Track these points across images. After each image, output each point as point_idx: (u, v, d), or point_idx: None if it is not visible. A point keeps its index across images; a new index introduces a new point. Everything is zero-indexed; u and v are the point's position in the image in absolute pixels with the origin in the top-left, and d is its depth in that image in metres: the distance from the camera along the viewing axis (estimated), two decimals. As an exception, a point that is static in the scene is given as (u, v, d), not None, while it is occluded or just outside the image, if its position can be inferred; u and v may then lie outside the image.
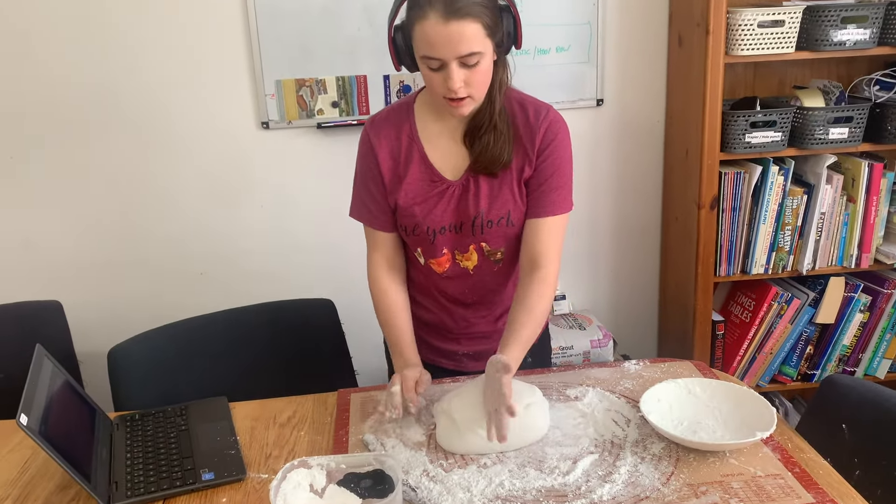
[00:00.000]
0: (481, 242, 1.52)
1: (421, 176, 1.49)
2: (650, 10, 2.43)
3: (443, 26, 1.27)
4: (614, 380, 1.55)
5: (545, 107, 1.48)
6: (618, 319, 2.75)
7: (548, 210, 1.47)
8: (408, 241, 1.56)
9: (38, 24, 2.24)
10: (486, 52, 1.32)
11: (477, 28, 1.29)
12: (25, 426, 1.16)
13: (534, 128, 1.45)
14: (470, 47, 1.29)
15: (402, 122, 1.50)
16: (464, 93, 1.34)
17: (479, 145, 1.45)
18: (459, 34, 1.27)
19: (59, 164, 2.37)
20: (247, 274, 2.51)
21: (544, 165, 1.47)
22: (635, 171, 2.59)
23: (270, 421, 1.50)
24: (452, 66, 1.31)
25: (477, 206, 1.48)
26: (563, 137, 1.47)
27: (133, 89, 2.33)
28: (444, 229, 1.51)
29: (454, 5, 1.26)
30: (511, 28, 1.37)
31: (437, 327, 1.65)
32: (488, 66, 1.35)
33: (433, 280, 1.59)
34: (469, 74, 1.32)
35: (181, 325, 1.87)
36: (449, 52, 1.29)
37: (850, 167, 2.34)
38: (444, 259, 1.55)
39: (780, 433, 1.35)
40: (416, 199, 1.49)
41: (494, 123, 1.43)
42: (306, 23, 2.29)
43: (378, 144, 1.50)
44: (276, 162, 2.43)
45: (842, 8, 2.14)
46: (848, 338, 2.45)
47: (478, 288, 1.59)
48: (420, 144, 1.49)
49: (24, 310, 1.97)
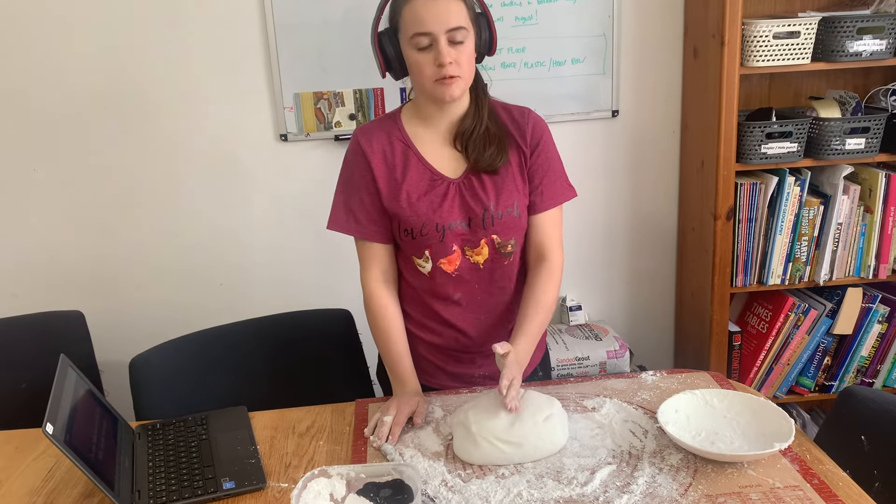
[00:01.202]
0: (492, 235, 1.54)
1: (421, 176, 1.51)
2: (665, 22, 2.44)
3: (431, 3, 1.38)
4: (631, 391, 1.55)
5: (526, 108, 1.58)
6: (634, 330, 2.75)
7: (547, 203, 1.57)
8: (413, 246, 1.54)
9: (62, 39, 2.29)
10: (470, 33, 1.42)
11: (462, 7, 1.40)
12: (51, 435, 1.18)
13: (521, 125, 1.55)
14: (458, 20, 1.39)
15: (391, 130, 1.54)
16: (454, 70, 1.41)
17: (473, 149, 1.50)
18: (447, 8, 1.38)
19: (81, 175, 2.41)
20: (265, 284, 2.54)
21: (538, 162, 1.55)
22: (651, 182, 2.60)
23: (290, 430, 1.51)
24: (442, 41, 1.39)
25: (485, 199, 1.51)
26: (548, 133, 1.58)
27: (154, 102, 2.37)
28: (452, 225, 1.52)
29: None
30: (486, 34, 1.47)
31: (449, 350, 1.63)
32: (472, 51, 1.44)
33: (442, 288, 1.57)
34: (457, 53, 1.40)
35: (201, 335, 1.89)
36: (438, 26, 1.38)
37: (867, 178, 2.33)
38: (454, 256, 1.54)
39: (799, 444, 1.35)
40: (421, 198, 1.50)
41: (486, 126, 1.51)
42: (324, 37, 2.32)
43: (371, 151, 1.52)
44: (295, 173, 2.46)
45: (857, 19, 2.14)
46: (866, 349, 2.44)
47: (486, 285, 1.58)
48: (415, 148, 1.52)
49: (47, 320, 2.00)
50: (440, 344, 1.63)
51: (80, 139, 2.38)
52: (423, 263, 1.56)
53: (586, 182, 2.56)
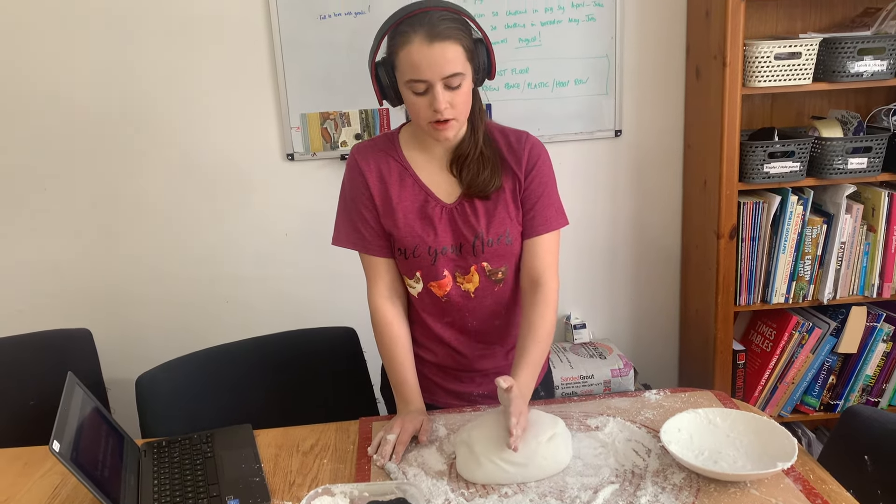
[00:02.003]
0: (483, 262, 1.54)
1: (415, 197, 1.52)
2: (667, 43, 2.46)
3: (427, 48, 1.35)
4: (635, 409, 1.56)
5: (524, 132, 1.56)
6: (638, 348, 2.75)
7: (541, 228, 1.54)
8: (405, 266, 1.56)
9: (72, 57, 2.32)
10: (466, 75, 1.40)
11: (458, 50, 1.37)
12: (58, 453, 1.19)
13: (517, 151, 1.52)
14: (453, 68, 1.37)
15: (388, 150, 1.55)
16: (449, 114, 1.40)
17: (467, 173, 1.50)
18: (443, 55, 1.36)
19: (89, 193, 2.44)
20: (271, 302, 2.56)
21: (533, 186, 1.53)
22: (654, 201, 2.61)
23: (294, 449, 1.52)
24: (438, 88, 1.38)
25: (476, 226, 1.51)
26: (545, 158, 1.55)
27: (163, 122, 2.40)
28: (445, 249, 1.53)
29: (436, 29, 1.36)
30: (485, 59, 1.44)
31: (447, 368, 1.65)
32: (469, 90, 1.43)
33: (432, 310, 1.59)
34: (452, 96, 1.39)
35: (207, 353, 1.90)
36: (434, 73, 1.37)
37: (870, 197, 2.34)
38: (444, 282, 1.56)
39: (802, 464, 1.35)
40: (415, 220, 1.52)
41: (480, 150, 1.50)
42: (331, 58, 2.35)
43: (367, 168, 1.53)
44: (301, 192, 2.48)
45: (858, 40, 2.16)
46: (871, 368, 2.44)
47: (479, 312, 1.59)
48: (411, 169, 1.53)
49: (55, 338, 2.01)
50: (436, 362, 1.65)
51: (89, 158, 2.41)
52: (413, 284, 1.58)
53: (590, 201, 2.58)
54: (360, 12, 2.32)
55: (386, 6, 2.28)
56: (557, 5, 2.36)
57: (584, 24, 2.38)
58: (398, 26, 1.39)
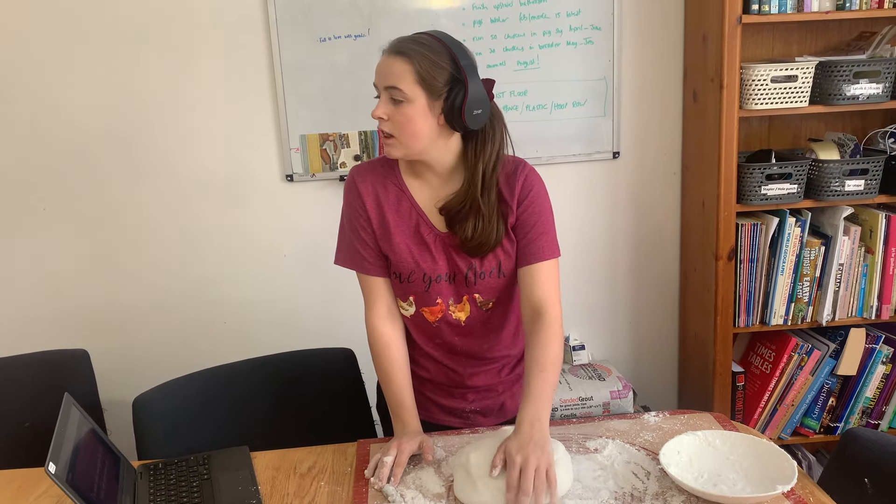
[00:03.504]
0: (475, 294, 1.55)
1: (413, 222, 1.52)
2: (665, 66, 2.48)
3: (384, 58, 1.42)
4: (634, 432, 1.55)
5: (521, 161, 1.53)
6: (637, 370, 2.74)
7: (539, 255, 1.50)
8: (399, 289, 1.56)
9: (71, 77, 2.34)
10: (412, 98, 1.39)
11: (405, 68, 1.39)
12: (53, 474, 1.18)
13: (511, 181, 1.50)
14: (393, 81, 1.39)
15: (387, 173, 1.54)
16: (385, 126, 1.43)
17: (460, 229, 1.47)
18: (390, 67, 1.40)
19: (88, 213, 2.45)
20: (269, 323, 2.55)
21: (526, 214, 1.50)
22: (653, 223, 2.62)
23: (291, 471, 1.51)
24: (382, 97, 1.42)
25: (469, 258, 1.51)
26: (539, 188, 1.52)
27: (162, 142, 2.41)
28: (440, 277, 1.53)
29: (400, 45, 1.41)
30: (458, 101, 1.39)
31: (440, 384, 1.65)
32: (414, 115, 1.40)
33: (423, 331, 1.60)
34: (393, 111, 1.41)
35: (204, 375, 1.89)
36: (379, 81, 1.42)
37: (868, 219, 2.35)
38: (437, 308, 1.56)
39: (802, 487, 1.34)
40: (412, 244, 1.52)
41: (479, 206, 1.46)
42: (330, 80, 2.37)
43: (365, 191, 1.53)
44: (300, 213, 2.49)
45: (854, 63, 2.18)
46: (871, 390, 2.43)
47: (468, 337, 1.60)
48: (409, 193, 1.53)
49: (51, 358, 2.00)
50: (429, 378, 1.65)
51: (88, 178, 2.42)
52: (406, 307, 1.58)
53: (588, 222, 2.59)
54: (359, 35, 2.34)
55: (385, 29, 2.33)
56: (556, 28, 2.38)
57: (582, 47, 2.41)
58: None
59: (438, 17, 2.34)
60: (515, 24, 2.37)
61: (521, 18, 2.37)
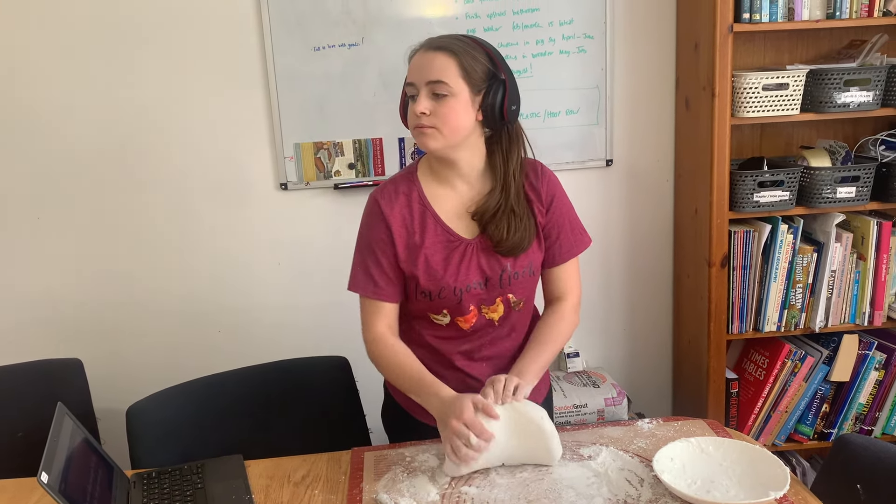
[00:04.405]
0: (508, 294, 1.56)
1: (439, 238, 1.51)
2: (657, 74, 2.50)
3: (422, 54, 1.44)
4: (627, 439, 1.55)
5: (537, 163, 1.58)
6: (632, 377, 2.75)
7: (565, 257, 1.59)
8: (431, 306, 1.55)
9: (65, 85, 2.34)
10: (457, 92, 1.41)
11: (449, 62, 1.41)
12: (46, 484, 1.18)
13: (536, 186, 1.55)
14: (438, 75, 1.40)
15: (410, 190, 1.53)
16: (427, 121, 1.42)
17: (495, 230, 1.49)
18: (431, 62, 1.41)
19: (82, 222, 2.44)
20: (264, 332, 2.55)
21: (554, 218, 1.56)
22: (646, 230, 2.63)
23: (285, 479, 1.51)
24: (422, 92, 1.42)
25: (503, 260, 1.52)
26: (560, 188, 1.60)
27: (155, 151, 2.41)
28: (469, 287, 1.52)
29: (437, 41, 1.43)
30: (499, 98, 1.44)
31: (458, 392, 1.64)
32: (459, 108, 1.42)
33: (452, 337, 1.59)
34: (436, 106, 1.42)
35: (198, 383, 1.89)
36: (420, 77, 1.42)
37: (859, 225, 2.36)
38: (470, 315, 1.56)
39: (795, 493, 1.34)
40: (439, 263, 1.51)
41: (511, 207, 1.49)
42: (324, 88, 2.38)
43: (391, 216, 1.51)
44: (294, 222, 2.49)
45: (844, 71, 2.19)
46: (864, 396, 2.44)
47: (499, 337, 1.61)
48: (432, 209, 1.52)
49: (45, 368, 2.00)
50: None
51: (81, 186, 2.42)
52: (440, 319, 1.57)
53: (582, 230, 2.59)
54: (353, 44, 2.35)
55: (379, 38, 2.34)
56: (548, 37, 2.40)
57: (574, 55, 2.42)
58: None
59: (432, 25, 2.35)
60: (508, 33, 2.38)
61: (514, 27, 2.38)
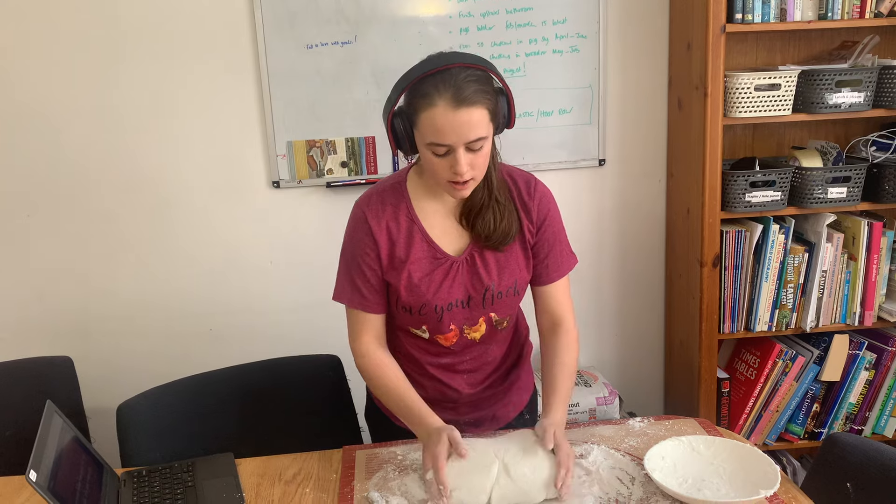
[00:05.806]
0: (490, 313, 1.53)
1: (424, 255, 1.48)
2: (650, 74, 2.50)
3: (452, 114, 1.30)
4: (619, 437, 1.56)
5: (532, 178, 1.54)
6: (624, 376, 2.75)
7: (552, 276, 1.55)
8: (411, 320, 1.53)
9: (56, 87, 2.33)
10: (489, 136, 1.37)
11: (483, 114, 1.33)
12: (35, 482, 1.17)
13: (527, 202, 1.51)
14: (477, 133, 1.33)
15: (398, 202, 1.49)
16: (468, 175, 1.36)
17: (483, 224, 1.47)
18: (468, 121, 1.31)
19: (72, 220, 2.43)
20: (255, 330, 2.54)
21: (545, 237, 1.52)
22: (638, 230, 2.63)
23: (276, 478, 1.51)
24: (460, 152, 1.33)
25: (486, 279, 1.49)
26: (553, 206, 1.55)
27: (147, 150, 2.40)
28: (451, 305, 1.50)
29: (462, 94, 1.30)
30: (506, 110, 1.40)
31: (436, 400, 1.61)
32: (488, 148, 1.38)
33: (433, 353, 1.57)
34: (474, 158, 1.35)
35: (189, 382, 1.88)
36: (457, 139, 1.32)
37: (850, 226, 2.37)
38: (451, 334, 1.54)
39: (785, 491, 1.35)
40: (423, 279, 1.48)
41: (495, 198, 1.47)
42: (317, 87, 2.37)
43: (378, 228, 1.47)
44: (286, 220, 2.49)
45: (836, 72, 2.20)
46: (854, 395, 2.45)
47: (479, 355, 1.59)
48: (420, 224, 1.49)
49: (35, 365, 1.99)
50: (425, 396, 1.61)
51: (72, 184, 2.40)
52: (419, 333, 1.55)
53: (574, 229, 2.55)
54: (346, 42, 2.34)
55: (372, 37, 2.33)
56: (542, 37, 2.40)
57: (567, 55, 2.42)
58: (420, 84, 1.33)
59: (426, 24, 2.35)
60: (502, 32, 2.38)
61: (507, 26, 2.38)
